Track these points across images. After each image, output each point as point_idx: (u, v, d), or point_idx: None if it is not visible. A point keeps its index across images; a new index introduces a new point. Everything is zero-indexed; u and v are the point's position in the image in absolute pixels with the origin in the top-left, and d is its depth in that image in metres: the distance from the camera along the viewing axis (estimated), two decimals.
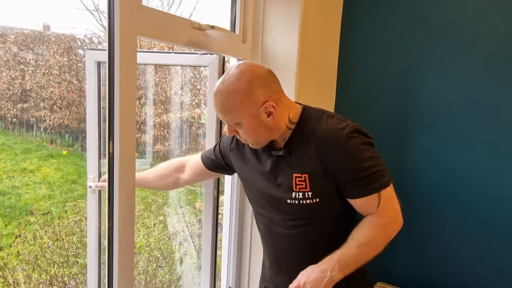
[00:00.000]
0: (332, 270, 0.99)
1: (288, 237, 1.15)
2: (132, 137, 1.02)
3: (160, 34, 1.08)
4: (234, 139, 1.26)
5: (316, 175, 1.06)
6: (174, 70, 4.90)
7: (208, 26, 1.21)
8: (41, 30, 4.87)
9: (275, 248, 1.21)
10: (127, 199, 1.00)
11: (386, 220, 1.06)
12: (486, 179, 1.54)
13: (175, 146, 4.90)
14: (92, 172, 1.37)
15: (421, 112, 1.64)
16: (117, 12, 0.93)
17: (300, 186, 1.08)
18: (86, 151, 1.35)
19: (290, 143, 1.11)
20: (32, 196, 3.43)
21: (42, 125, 4.79)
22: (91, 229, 1.38)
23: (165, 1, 5.63)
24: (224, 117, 1.07)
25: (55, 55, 4.67)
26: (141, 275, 2.34)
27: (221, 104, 1.05)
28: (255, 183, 1.19)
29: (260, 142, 1.10)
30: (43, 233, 2.47)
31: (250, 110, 1.03)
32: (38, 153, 4.44)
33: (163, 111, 4.90)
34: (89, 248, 1.40)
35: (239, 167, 1.25)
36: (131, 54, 0.97)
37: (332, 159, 1.03)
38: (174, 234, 2.75)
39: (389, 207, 1.07)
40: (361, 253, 1.03)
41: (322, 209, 1.10)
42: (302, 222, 1.13)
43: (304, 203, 1.08)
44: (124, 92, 0.96)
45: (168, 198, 3.21)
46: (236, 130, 1.09)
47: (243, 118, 1.04)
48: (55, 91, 4.57)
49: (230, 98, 1.03)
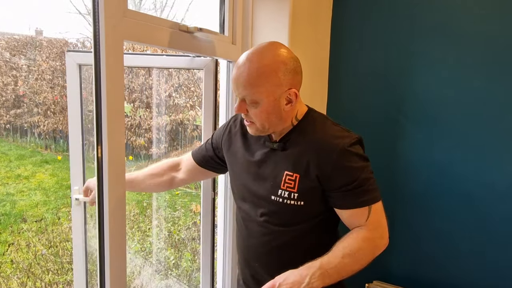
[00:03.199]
0: (312, 276, 0.93)
1: (262, 235, 1.11)
2: (122, 141, 1.00)
3: (147, 37, 1.07)
4: (228, 128, 1.22)
5: (308, 178, 1.03)
6: (168, 72, 4.89)
7: (196, 29, 1.20)
8: (33, 35, 4.84)
9: (247, 244, 1.17)
10: (117, 204, 0.99)
11: (374, 234, 1.02)
12: (479, 176, 1.54)
13: (171, 148, 4.89)
14: (76, 182, 1.27)
15: (413, 110, 1.64)
16: (102, 16, 0.92)
17: (288, 185, 1.04)
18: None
19: (286, 139, 1.07)
20: (27, 203, 3.40)
21: (36, 130, 4.77)
22: (78, 242, 1.28)
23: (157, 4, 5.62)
24: (243, 90, 0.99)
25: (48, 60, 4.65)
26: (136, 280, 2.33)
27: (247, 75, 0.97)
28: (240, 174, 1.15)
29: (264, 130, 1.04)
30: (37, 241, 2.45)
31: (274, 90, 0.98)
32: (33, 159, 4.42)
33: (158, 114, 4.89)
34: (75, 264, 1.30)
35: (228, 157, 1.21)
36: (118, 59, 0.96)
37: (328, 164, 1.00)
38: (170, 237, 2.74)
39: (378, 222, 1.04)
40: (345, 264, 0.97)
41: (304, 213, 1.06)
42: (279, 222, 1.08)
43: (287, 203, 1.05)
44: (112, 96, 0.95)
45: (164, 202, 3.20)
46: (247, 109, 1.01)
47: (264, 96, 0.98)
48: (49, 96, 4.55)
49: (259, 70, 0.97)
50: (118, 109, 0.97)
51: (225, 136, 1.22)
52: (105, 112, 0.94)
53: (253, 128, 1.05)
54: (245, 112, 1.03)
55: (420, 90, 1.61)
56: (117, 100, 0.97)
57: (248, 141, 1.15)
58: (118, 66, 0.96)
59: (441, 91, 1.57)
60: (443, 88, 1.57)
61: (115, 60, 0.95)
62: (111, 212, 0.97)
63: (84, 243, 1.28)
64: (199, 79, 5.09)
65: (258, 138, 1.13)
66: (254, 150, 1.12)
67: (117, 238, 1.00)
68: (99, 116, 0.95)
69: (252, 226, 1.14)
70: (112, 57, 0.94)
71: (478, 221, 1.57)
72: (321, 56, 1.72)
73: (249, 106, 1.01)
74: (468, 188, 1.57)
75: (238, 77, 0.99)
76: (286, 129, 1.08)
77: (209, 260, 1.55)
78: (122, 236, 1.02)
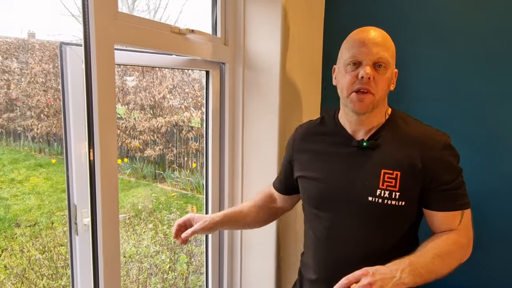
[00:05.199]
0: (403, 272, 0.87)
1: (355, 243, 1.02)
2: (114, 144, 1.00)
3: (138, 40, 1.06)
4: (293, 141, 1.19)
5: (410, 175, 0.97)
6: (161, 74, 4.87)
7: (188, 30, 1.20)
8: (25, 37, 4.81)
9: (334, 257, 1.06)
10: (110, 207, 0.98)
11: (464, 241, 0.98)
12: (470, 176, 1.54)
13: (166, 150, 4.88)
14: (82, 201, 1.07)
15: (405, 109, 1.64)
16: (92, 19, 0.91)
17: (388, 183, 0.98)
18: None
19: (377, 136, 1.03)
20: (21, 207, 3.38)
21: (29, 134, 4.74)
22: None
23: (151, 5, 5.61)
24: (380, 50, 0.97)
25: (41, 63, 4.62)
26: (133, 284, 2.32)
27: (382, 38, 0.98)
28: (322, 179, 1.07)
29: (378, 103, 1.00)
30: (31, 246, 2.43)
31: (394, 62, 1.02)
32: (27, 162, 4.39)
33: (153, 116, 4.87)
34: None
35: (302, 163, 1.14)
36: (109, 62, 0.95)
37: (433, 158, 0.97)
38: (165, 240, 2.73)
39: (469, 229, 1.00)
40: (435, 265, 0.91)
41: (403, 216, 1.00)
42: (376, 225, 1.01)
43: (388, 203, 0.98)
44: (103, 99, 0.94)
45: (159, 204, 3.19)
46: (375, 75, 0.97)
47: (392, 62, 1.00)
48: (42, 99, 4.52)
49: (390, 39, 1.01)
50: (110, 112, 0.96)
51: (297, 141, 1.18)
52: (97, 116, 0.93)
53: (369, 100, 0.98)
54: (371, 77, 0.96)
55: (412, 89, 1.61)
56: (109, 104, 0.96)
57: (324, 145, 1.10)
58: (109, 69, 0.95)
59: (432, 90, 1.57)
60: (434, 87, 1.57)
61: (106, 64, 0.94)
62: (105, 217, 0.96)
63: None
64: (194, 80, 5.08)
65: (336, 140, 1.08)
66: (335, 153, 1.07)
67: (110, 243, 0.99)
68: (91, 120, 0.94)
69: (343, 236, 1.04)
70: (103, 60, 0.93)
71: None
72: (315, 57, 1.72)
73: (377, 71, 0.97)
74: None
75: (375, 37, 0.98)
76: (376, 126, 1.04)
77: (217, 260, 1.53)
78: (116, 241, 1.02)
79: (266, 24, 1.40)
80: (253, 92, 1.46)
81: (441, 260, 0.93)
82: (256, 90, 1.45)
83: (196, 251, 2.71)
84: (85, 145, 1.01)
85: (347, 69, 1.00)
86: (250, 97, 1.46)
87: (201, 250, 2.65)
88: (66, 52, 1.07)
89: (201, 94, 4.84)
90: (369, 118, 1.03)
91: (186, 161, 4.89)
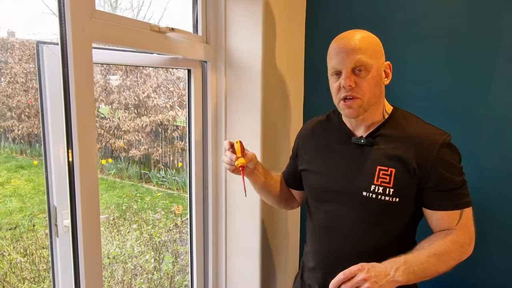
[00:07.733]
0: (397, 270, 0.89)
1: (351, 236, 1.06)
2: (93, 144, 0.98)
3: (117, 39, 1.04)
4: (301, 135, 1.25)
5: (405, 172, 0.99)
6: (146, 72, 4.82)
7: (168, 29, 1.19)
8: (4, 36, 4.69)
9: (331, 247, 1.10)
10: (91, 208, 0.97)
11: (463, 239, 0.98)
12: (472, 174, 1.54)
13: (151, 150, 4.84)
14: (62, 202, 1.04)
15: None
16: (68, 17, 0.89)
17: (382, 179, 1.01)
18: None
19: (376, 134, 1.06)
20: (2, 210, 3.30)
21: (10, 135, 4.64)
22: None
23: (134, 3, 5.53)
24: (356, 54, 0.98)
25: (21, 62, 4.51)
26: (118, 285, 2.29)
27: (358, 39, 0.99)
28: (323, 172, 1.11)
29: (368, 106, 1.02)
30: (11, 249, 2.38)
31: (380, 58, 1.02)
32: (7, 164, 4.29)
33: (137, 115, 4.82)
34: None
35: (307, 155, 1.19)
36: (86, 61, 0.94)
37: (429, 158, 0.98)
38: (150, 240, 2.70)
39: (469, 227, 1.00)
40: (430, 263, 0.92)
41: (398, 212, 1.02)
42: (371, 220, 1.03)
43: (382, 199, 1.00)
44: (81, 99, 0.92)
45: (144, 204, 3.16)
46: (356, 80, 0.99)
47: (374, 61, 1.00)
48: (22, 99, 4.42)
49: (370, 37, 1.02)
50: (89, 112, 0.95)
51: (305, 133, 1.23)
52: (75, 116, 0.92)
53: (357, 104, 1.00)
54: (353, 84, 0.99)
55: (392, 88, 1.63)
56: (87, 103, 0.95)
57: (327, 140, 1.14)
58: (87, 68, 0.94)
59: (411, 88, 1.59)
60: (416, 85, 1.59)
61: (83, 63, 0.92)
62: (85, 218, 0.95)
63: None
64: (178, 79, 5.04)
65: (338, 136, 1.12)
66: (336, 148, 1.11)
67: (91, 244, 0.98)
68: (69, 120, 0.92)
69: (340, 228, 1.08)
70: (80, 59, 0.91)
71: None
72: (296, 56, 1.73)
73: (358, 76, 0.99)
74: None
75: (347, 43, 1.00)
76: (376, 123, 1.06)
77: (202, 259, 1.53)
78: (97, 242, 1.00)
79: (247, 22, 1.40)
80: (236, 90, 1.46)
81: (437, 258, 0.94)
82: (239, 88, 1.45)
83: (182, 250, 2.69)
84: (64, 146, 1.00)
85: (332, 79, 1.05)
86: (233, 95, 1.46)
87: (186, 249, 2.64)
88: (43, 51, 1.05)
89: (186, 93, 4.82)
90: (366, 117, 1.06)
91: (172, 160, 4.86)
